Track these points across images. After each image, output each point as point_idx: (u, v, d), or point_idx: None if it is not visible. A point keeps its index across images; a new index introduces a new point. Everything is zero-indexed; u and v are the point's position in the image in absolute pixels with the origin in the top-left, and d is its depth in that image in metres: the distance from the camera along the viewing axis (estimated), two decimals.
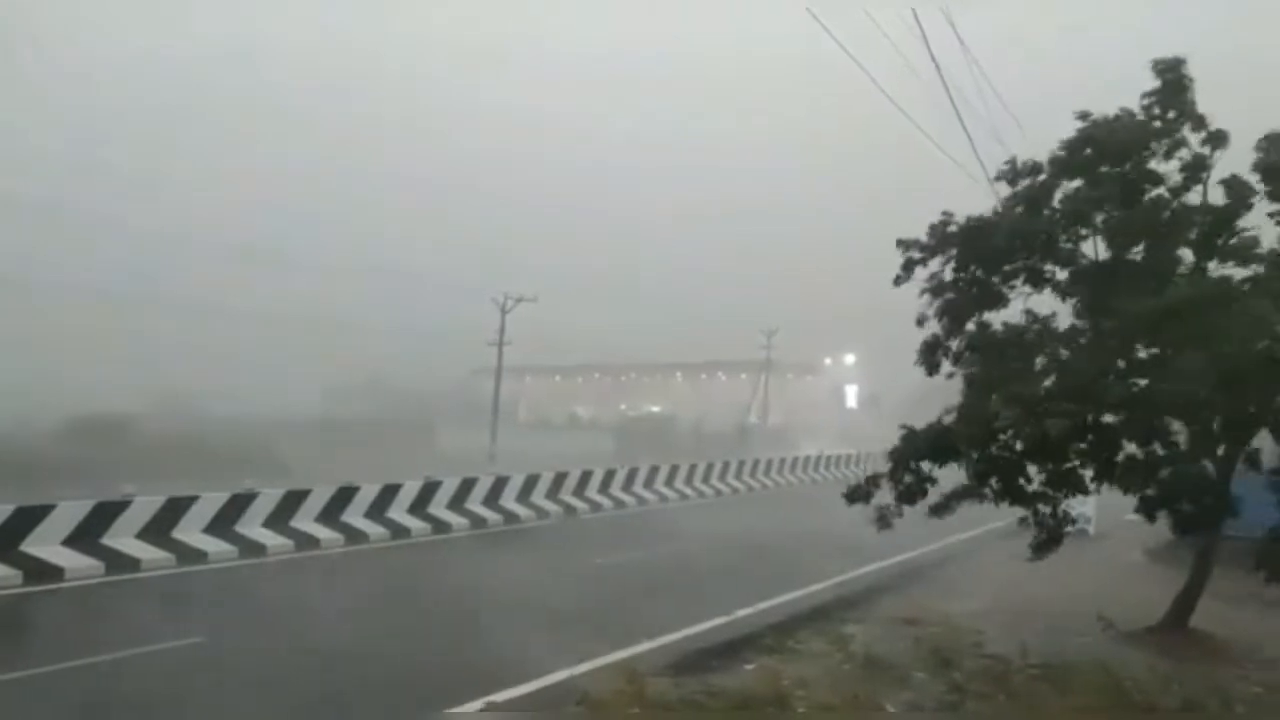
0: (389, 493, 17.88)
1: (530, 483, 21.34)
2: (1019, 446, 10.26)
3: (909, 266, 11.31)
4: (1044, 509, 10.80)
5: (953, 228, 11.14)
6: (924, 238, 11.23)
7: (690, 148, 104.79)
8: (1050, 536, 10.89)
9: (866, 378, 77.44)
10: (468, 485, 19.70)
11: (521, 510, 20.57)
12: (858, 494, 11.04)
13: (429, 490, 18.72)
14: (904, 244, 11.34)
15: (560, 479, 22.27)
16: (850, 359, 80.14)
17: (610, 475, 24.07)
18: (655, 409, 76.47)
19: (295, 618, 11.45)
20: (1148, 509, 10.61)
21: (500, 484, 20.57)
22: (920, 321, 11.29)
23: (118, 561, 13.33)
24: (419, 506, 18.37)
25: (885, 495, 10.98)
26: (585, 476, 23.12)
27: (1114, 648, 10.26)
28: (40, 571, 12.48)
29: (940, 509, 10.79)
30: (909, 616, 11.83)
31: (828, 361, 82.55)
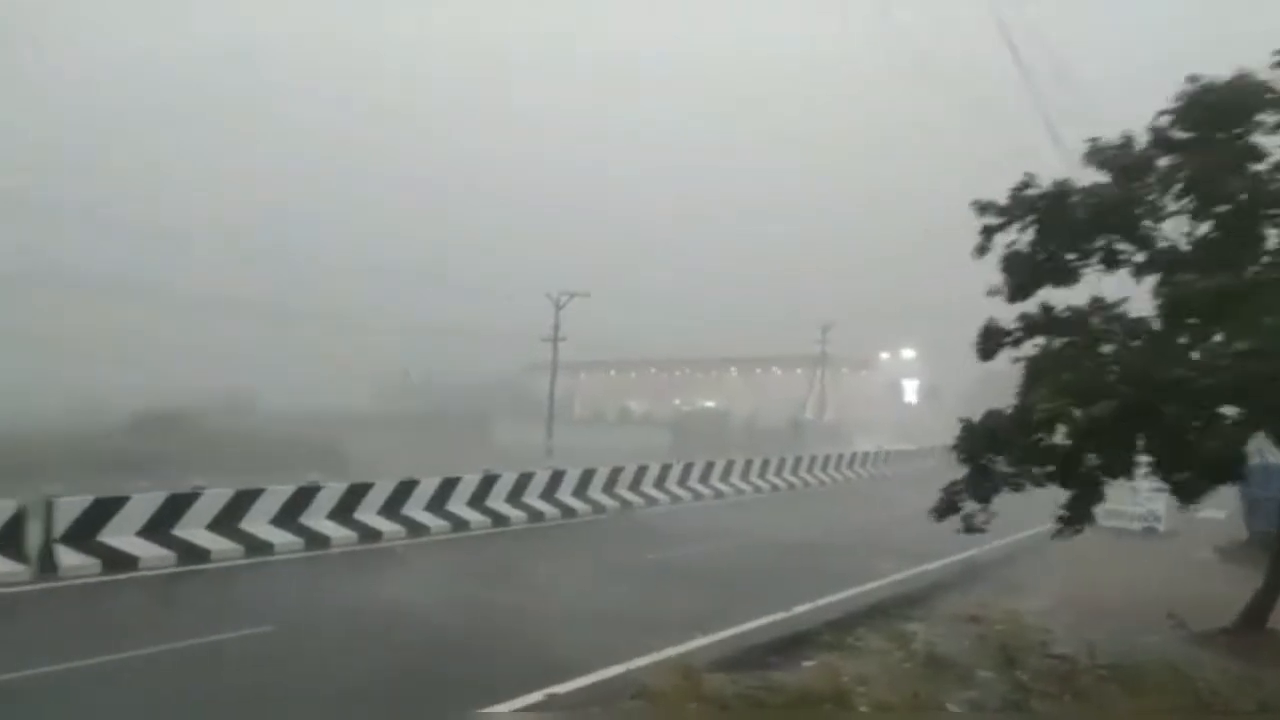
0: (448, 486, 18.19)
1: (586, 477, 21.51)
2: (1065, 434, 10.00)
3: (988, 233, 10.78)
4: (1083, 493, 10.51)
5: (1033, 191, 10.63)
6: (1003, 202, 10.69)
7: (744, 141, 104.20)
8: (1072, 518, 10.52)
9: (927, 372, 76.47)
10: (525, 479, 19.94)
11: (578, 504, 20.75)
12: (945, 508, 10.57)
13: (487, 484, 18.99)
14: (980, 206, 10.76)
15: (616, 474, 22.40)
16: (909, 353, 79.18)
17: (665, 470, 24.15)
18: (709, 404, 76.40)
19: (358, 608, 11.75)
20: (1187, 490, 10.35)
21: (556, 478, 20.77)
22: (994, 294, 10.91)
23: (189, 552, 13.77)
24: (478, 500, 18.65)
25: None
26: (640, 471, 23.23)
27: (1185, 648, 10.02)
28: (117, 561, 12.96)
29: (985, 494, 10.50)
30: (972, 614, 11.66)
31: (884, 356, 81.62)
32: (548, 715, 8.00)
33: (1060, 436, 10.03)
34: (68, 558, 12.56)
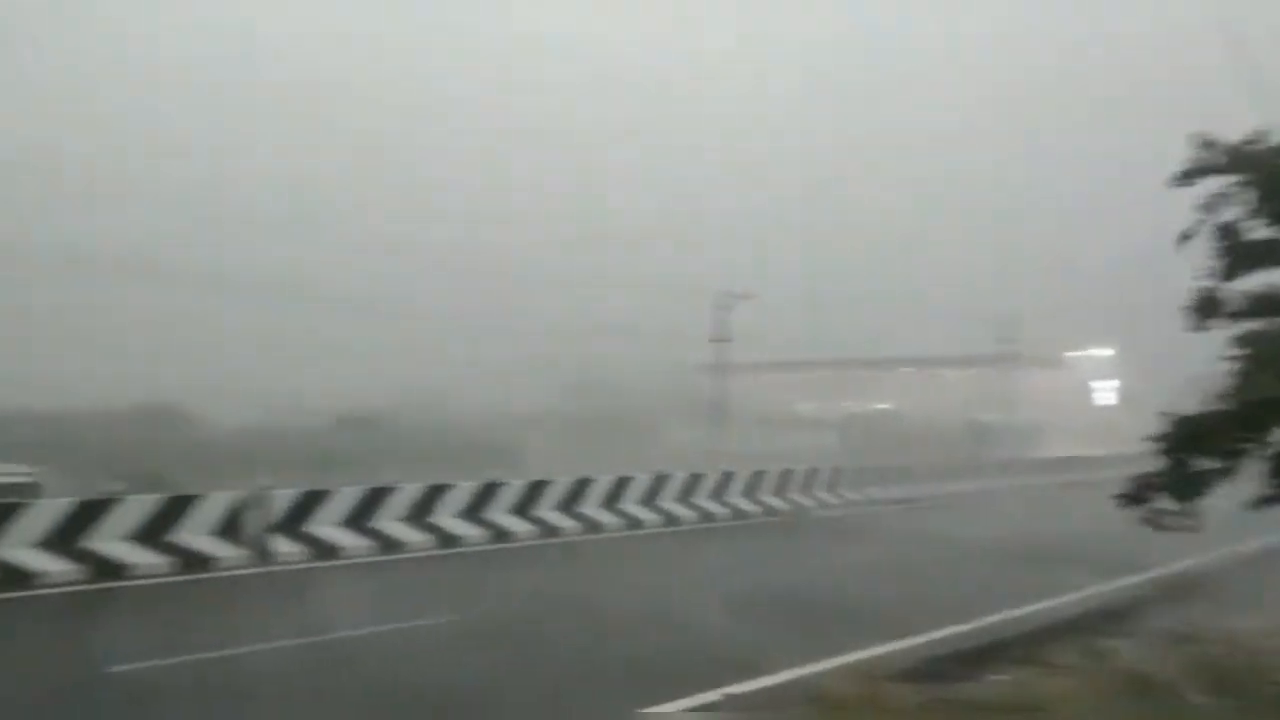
0: (621, 485, 18.59)
1: (756, 479, 21.43)
2: None
3: (1199, 172, 9.46)
4: None
5: (1261, 146, 9.26)
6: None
7: (926, 133, 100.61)
8: None
9: (1123, 373, 71.53)
10: (694, 480, 20.10)
11: (748, 506, 20.72)
12: (1131, 497, 9.91)
13: (658, 484, 19.28)
14: (1205, 143, 9.39)
15: (786, 475, 22.21)
16: (1104, 352, 74.31)
17: (837, 473, 23.72)
18: (882, 405, 74.39)
19: (540, 599, 12.21)
20: None
21: (726, 479, 20.81)
22: (1186, 237, 9.81)
23: (386, 542, 14.72)
24: (649, 499, 18.96)
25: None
26: (811, 474, 22.93)
27: None
28: (323, 549, 14.01)
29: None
30: (1182, 633, 10.83)
31: (1074, 354, 76.93)
32: (718, 716, 8.00)
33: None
34: (281, 545, 13.69)
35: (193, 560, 12.85)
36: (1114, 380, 71.88)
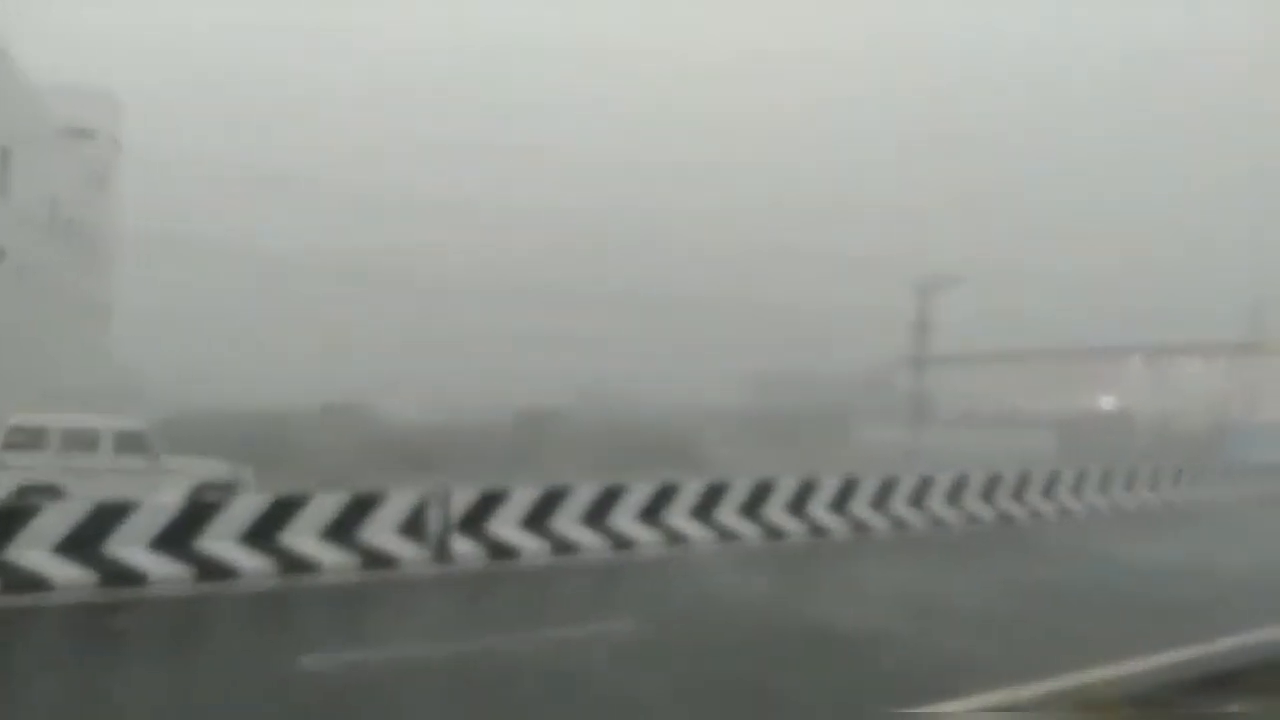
0: (807, 489, 18.45)
1: (959, 484, 20.71)
2: None
3: None
4: None
5: None
6: None
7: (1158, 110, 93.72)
8: None
9: None
10: (889, 485, 19.64)
11: (949, 514, 20.07)
12: None
13: (848, 488, 18.99)
14: None
15: (994, 481, 21.33)
16: None
17: (1053, 478, 22.56)
18: (1108, 401, 69.87)
19: (717, 611, 12.36)
20: None
21: (924, 484, 20.22)
22: None
23: (561, 544, 15.33)
24: (838, 505, 18.72)
25: None
26: (1023, 479, 21.91)
27: None
28: (500, 550, 14.77)
29: None
30: None
31: None
32: (992, 715, 7.92)
33: None
34: (460, 545, 14.54)
35: (377, 559, 13.87)
36: None
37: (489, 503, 15.10)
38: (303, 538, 13.65)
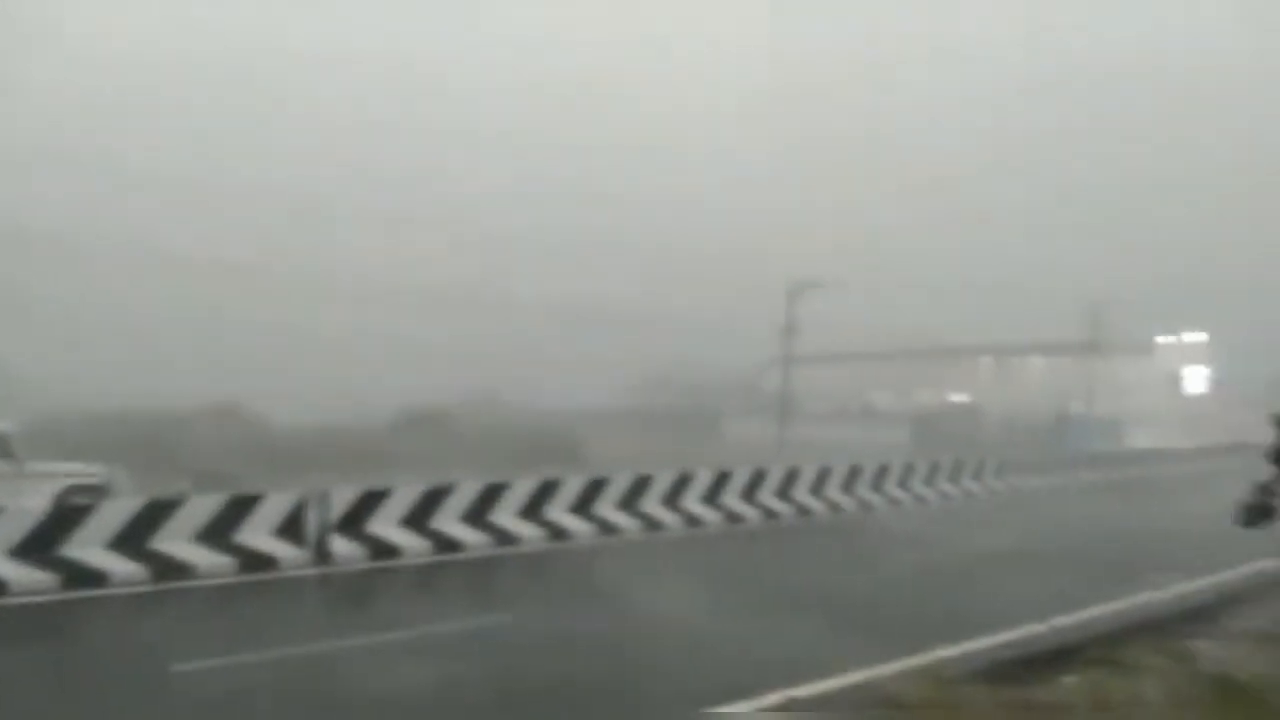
0: (682, 482, 18.61)
1: (822, 476, 21.24)
2: None
3: None
4: None
5: None
6: None
7: (1006, 122, 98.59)
8: None
9: (1216, 359, 69.15)
10: (759, 477, 19.99)
11: (814, 504, 20.56)
12: (1255, 513, 9.14)
13: (721, 481, 19.24)
14: None
15: (855, 472, 21.96)
16: (1197, 337, 71.88)
17: (909, 469, 23.39)
18: (959, 398, 73.06)
19: (597, 602, 12.33)
20: None
21: (791, 476, 20.66)
22: None
23: (444, 542, 15.01)
24: (711, 497, 18.94)
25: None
26: (881, 470, 22.63)
27: None
28: (382, 549, 14.35)
29: None
30: (1271, 634, 10.49)
31: (1164, 341, 74.53)
32: (787, 716, 8.00)
33: None
34: (340, 546, 14.06)
35: (254, 561, 13.28)
36: (1205, 368, 69.48)
37: (369, 502, 14.65)
38: (177, 541, 12.97)
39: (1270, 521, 9.25)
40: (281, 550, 13.57)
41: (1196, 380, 70.74)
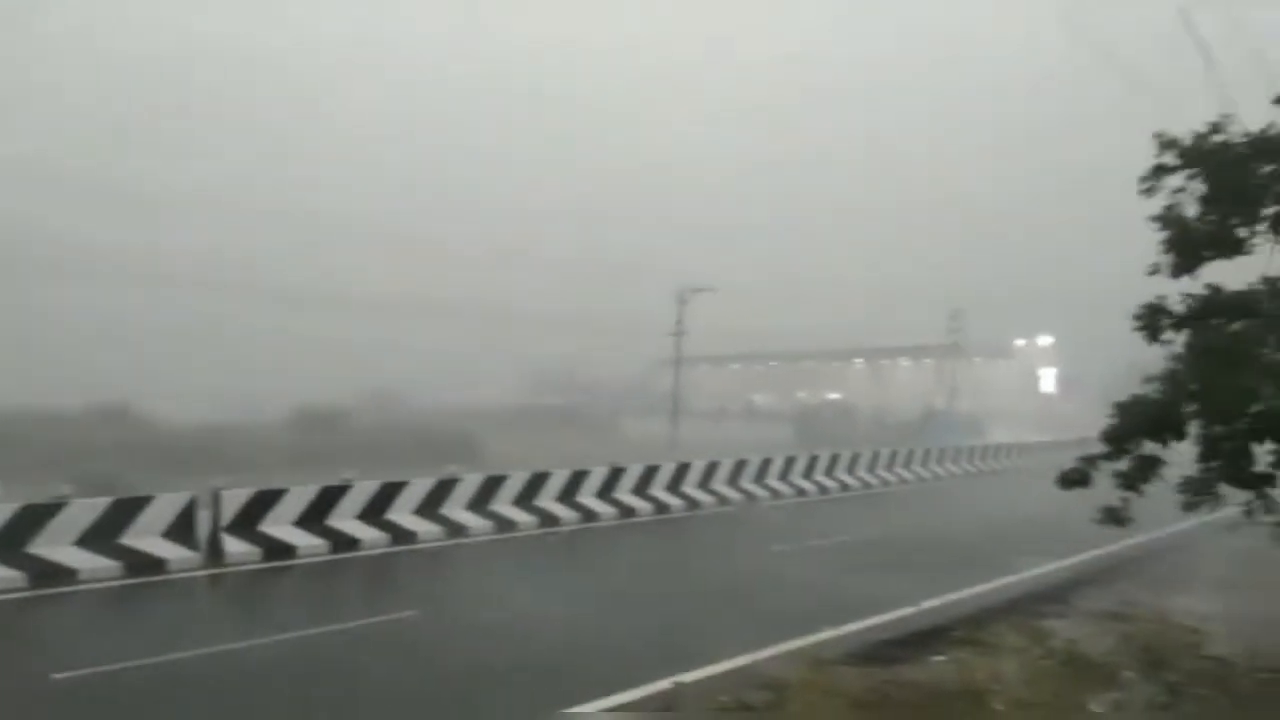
0: (578, 478, 18.51)
1: (710, 470, 21.48)
2: (1245, 425, 9.17)
3: (1159, 172, 9.68)
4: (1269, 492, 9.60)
5: (1220, 137, 9.51)
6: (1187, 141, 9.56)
7: (871, 127, 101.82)
8: None
9: (1065, 360, 72.90)
10: (650, 472, 20.07)
11: (702, 497, 20.75)
12: (1073, 478, 10.02)
13: (614, 477, 19.22)
14: (1164, 141, 9.62)
15: (740, 466, 22.29)
16: (1046, 340, 75.68)
17: (790, 463, 23.86)
18: (835, 396, 75.06)
19: (493, 595, 12.10)
20: None
21: (681, 471, 20.82)
22: (1153, 272, 10.04)
23: (341, 540, 14.50)
24: (605, 492, 18.90)
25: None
26: (764, 464, 23.03)
27: None
28: (276, 549, 13.76)
29: (1191, 507, 9.55)
30: (1115, 612, 11.06)
31: (1020, 343, 78.26)
32: (633, 715, 7.96)
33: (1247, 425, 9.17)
34: (233, 545, 13.43)
35: (142, 563, 12.54)
36: (1053, 368, 73.23)
37: (263, 501, 14.03)
38: (58, 545, 12.13)
39: (1085, 486, 9.79)
40: (171, 552, 12.86)
41: (1048, 380, 74.41)
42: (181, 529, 13.07)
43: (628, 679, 8.39)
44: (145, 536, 12.79)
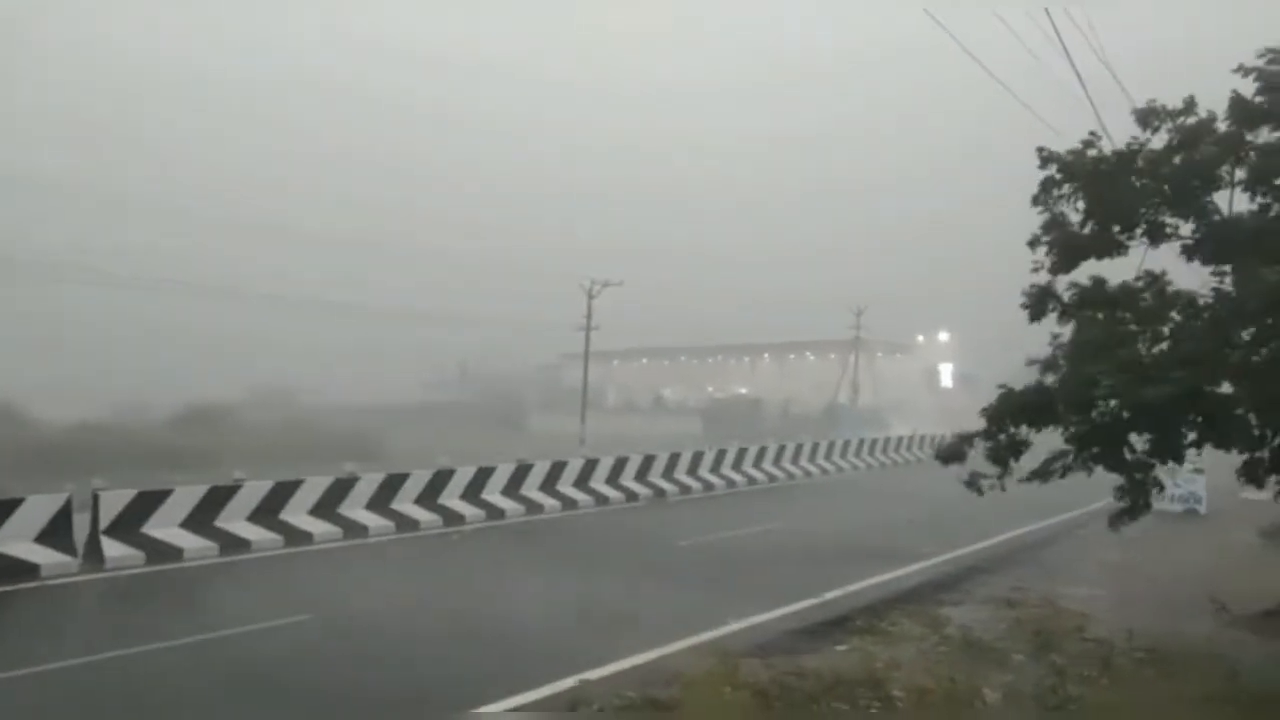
0: (483, 475, 18.29)
1: (619, 465, 21.52)
2: (1121, 413, 9.79)
3: (1048, 187, 10.50)
4: (1137, 476, 10.29)
5: (1094, 152, 10.35)
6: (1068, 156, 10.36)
7: (782, 127, 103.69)
8: (1132, 506, 10.33)
9: (961, 356, 75.61)
10: (558, 468, 19.98)
11: (611, 492, 20.77)
12: (950, 453, 10.66)
13: (521, 473, 19.06)
14: (1044, 155, 10.41)
15: (649, 461, 22.39)
16: (944, 336, 78.37)
17: (698, 457, 24.10)
18: (742, 390, 76.19)
19: (393, 597, 11.86)
20: (1252, 473, 10.15)
21: (590, 467, 20.80)
22: (1033, 243, 10.61)
23: (231, 543, 13.99)
24: (512, 489, 18.73)
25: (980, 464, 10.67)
26: (673, 459, 23.20)
27: (1228, 632, 9.84)
28: (161, 552, 13.18)
29: (1041, 474, 10.33)
30: (1008, 598, 11.57)
31: (920, 339, 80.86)
32: (539, 715, 7.95)
33: (1123, 413, 9.77)
34: (113, 549, 12.81)
35: (12, 569, 11.82)
36: (950, 363, 75.92)
37: (146, 503, 13.43)
38: None
39: (960, 461, 10.66)
40: (45, 557, 12.16)
41: (946, 375, 77.05)
42: (57, 532, 12.38)
43: (531, 679, 8.35)
44: (15, 541, 12.06)
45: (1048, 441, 10.54)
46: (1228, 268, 10.06)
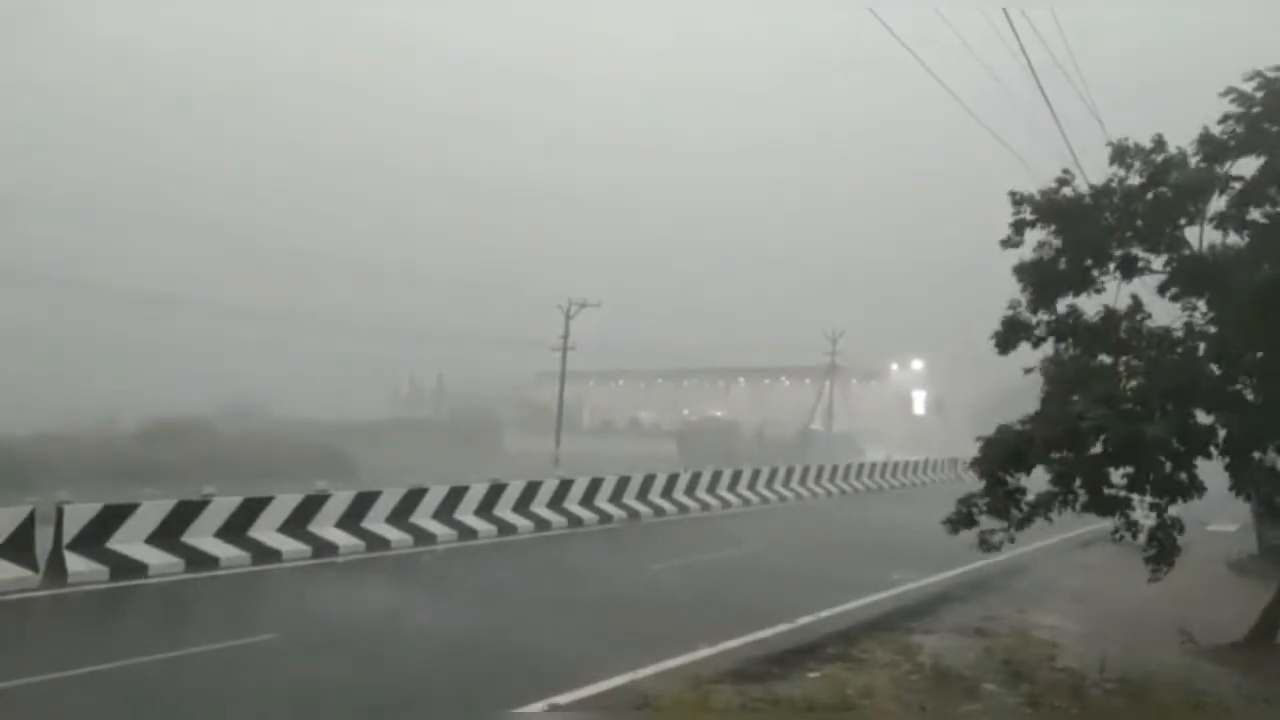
0: (456, 495, 18.15)
1: (593, 487, 21.43)
2: (1101, 449, 9.82)
3: (1019, 228, 10.65)
4: (1141, 519, 10.22)
5: (1068, 191, 10.54)
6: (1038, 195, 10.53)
7: (753, 150, 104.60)
8: (1162, 551, 10.02)
9: (934, 383, 76.30)
10: (532, 489, 19.87)
11: (585, 514, 20.68)
12: (961, 520, 10.22)
13: (495, 493, 18.94)
14: (1017, 199, 10.59)
15: (624, 483, 22.33)
16: (918, 364, 79.13)
17: (673, 480, 24.07)
18: (718, 414, 76.34)
19: (361, 617, 11.71)
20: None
21: (564, 488, 20.70)
22: (1014, 307, 10.80)
23: (198, 559, 13.77)
24: (485, 509, 18.60)
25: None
26: (648, 481, 23.15)
27: (1196, 663, 9.92)
28: (126, 568, 12.95)
29: (1024, 523, 10.16)
30: (979, 627, 11.61)
31: (894, 367, 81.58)
32: (587, 715, 7.93)
33: (1106, 449, 9.78)
34: (76, 564, 12.57)
35: None
36: (923, 391, 76.65)
37: (112, 517, 13.19)
38: None
39: (971, 526, 10.30)
40: (4, 570, 11.88)
41: (919, 402, 77.70)
42: (18, 547, 12.12)
43: (498, 701, 8.27)
44: None
45: (1037, 484, 10.46)
46: (1199, 302, 10.24)
